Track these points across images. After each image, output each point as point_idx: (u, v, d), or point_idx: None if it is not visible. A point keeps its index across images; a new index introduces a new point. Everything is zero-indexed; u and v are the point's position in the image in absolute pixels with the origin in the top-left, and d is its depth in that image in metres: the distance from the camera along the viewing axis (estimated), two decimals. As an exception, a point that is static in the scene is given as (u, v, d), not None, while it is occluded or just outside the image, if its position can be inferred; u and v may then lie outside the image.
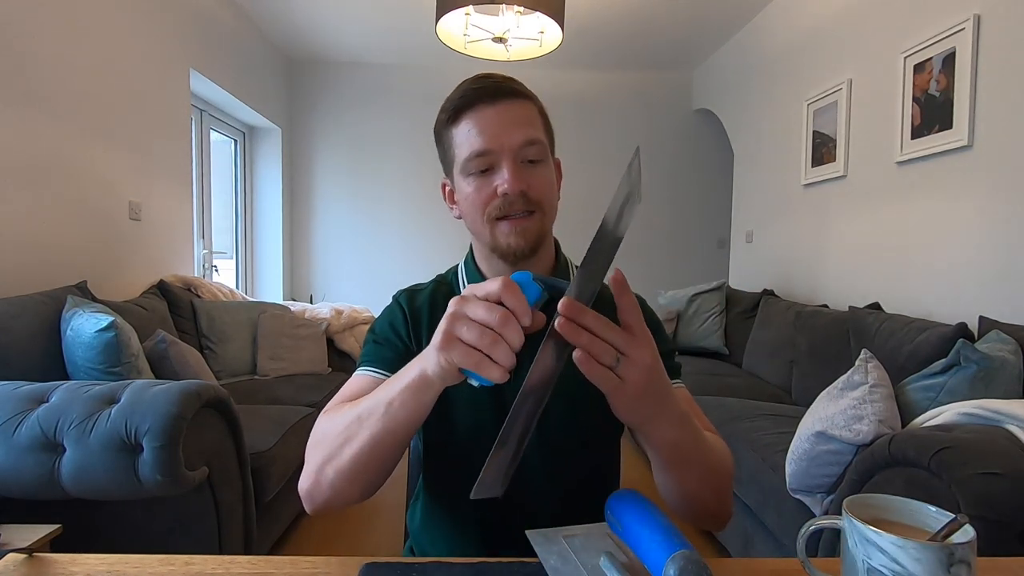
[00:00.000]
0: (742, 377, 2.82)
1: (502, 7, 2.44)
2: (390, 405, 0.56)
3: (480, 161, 0.70)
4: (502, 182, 0.69)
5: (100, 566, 0.53)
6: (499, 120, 0.70)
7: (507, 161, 0.69)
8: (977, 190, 1.94)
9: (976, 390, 1.37)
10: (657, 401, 0.53)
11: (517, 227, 0.70)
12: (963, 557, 0.40)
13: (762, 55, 3.54)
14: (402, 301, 0.80)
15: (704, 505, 0.64)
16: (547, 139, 0.75)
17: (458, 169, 0.73)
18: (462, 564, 0.55)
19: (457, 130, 0.72)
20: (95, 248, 2.29)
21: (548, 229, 0.75)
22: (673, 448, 0.58)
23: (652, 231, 4.69)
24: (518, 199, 0.69)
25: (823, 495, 1.40)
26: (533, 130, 0.71)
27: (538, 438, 0.72)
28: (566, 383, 0.73)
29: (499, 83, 0.72)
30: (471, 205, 0.72)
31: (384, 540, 2.02)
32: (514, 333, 0.47)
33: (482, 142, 0.69)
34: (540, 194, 0.71)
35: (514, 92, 0.72)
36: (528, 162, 0.71)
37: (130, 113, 2.51)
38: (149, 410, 1.25)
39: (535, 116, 0.73)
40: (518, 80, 0.74)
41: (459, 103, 0.71)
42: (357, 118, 4.49)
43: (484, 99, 0.70)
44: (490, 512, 0.74)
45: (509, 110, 0.71)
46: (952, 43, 2.01)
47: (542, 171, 0.72)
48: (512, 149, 0.69)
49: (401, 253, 4.56)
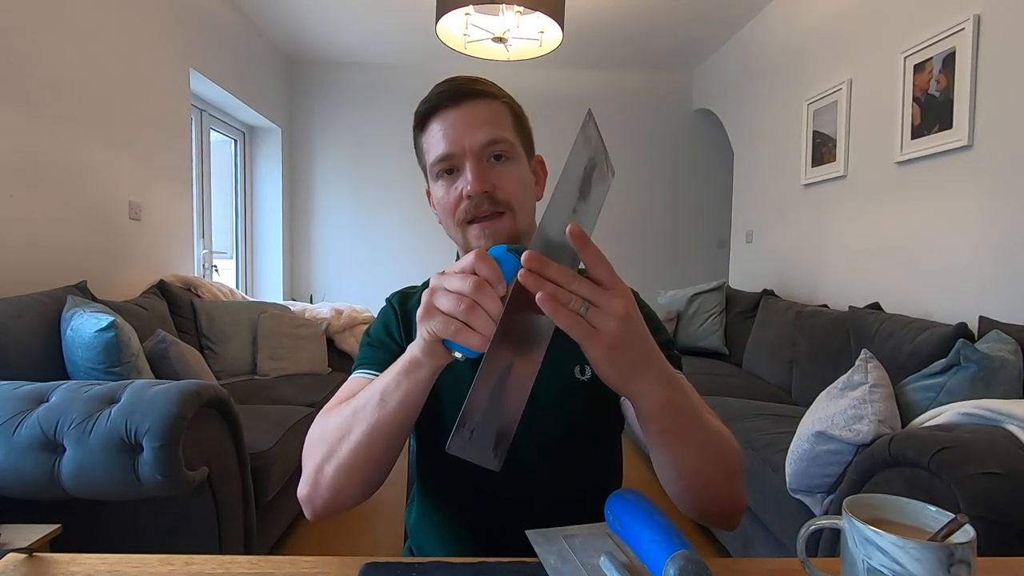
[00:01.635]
0: (742, 377, 2.82)
1: (502, 7, 2.44)
2: (384, 392, 0.57)
3: (445, 164, 0.70)
4: (465, 184, 0.69)
5: (100, 566, 0.53)
6: (462, 121, 0.69)
7: (470, 162, 0.68)
8: (977, 190, 1.94)
9: (976, 390, 1.37)
10: (639, 356, 0.49)
11: (486, 229, 0.69)
12: (963, 557, 0.40)
13: (762, 55, 3.54)
14: (394, 303, 0.80)
15: (713, 489, 0.59)
16: (518, 137, 0.73)
17: (429, 174, 0.73)
18: (462, 564, 0.55)
19: (426, 136, 0.72)
20: (95, 248, 2.30)
21: (524, 229, 0.73)
22: (665, 411, 0.52)
23: (652, 231, 4.69)
24: (483, 200, 0.68)
25: (823, 495, 1.40)
26: (497, 129, 0.70)
27: (537, 438, 0.72)
28: (563, 384, 0.73)
29: (462, 85, 0.71)
30: (443, 209, 0.72)
31: (384, 540, 2.02)
32: (489, 300, 0.47)
33: (444, 145, 0.69)
34: (508, 193, 0.70)
35: (477, 93, 0.71)
36: (494, 159, 0.70)
37: (130, 113, 2.51)
38: (149, 410, 1.25)
39: (502, 115, 0.72)
40: (487, 80, 0.73)
41: (425, 109, 0.71)
42: (357, 118, 4.49)
43: (447, 102, 0.70)
44: (488, 512, 0.74)
45: (472, 111, 0.70)
46: (952, 43, 2.01)
47: (510, 169, 0.71)
48: (474, 150, 0.69)
49: (401, 253, 4.56)
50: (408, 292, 0.82)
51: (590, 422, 0.75)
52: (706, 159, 4.67)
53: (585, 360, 0.72)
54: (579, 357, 0.73)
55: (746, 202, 3.82)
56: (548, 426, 0.72)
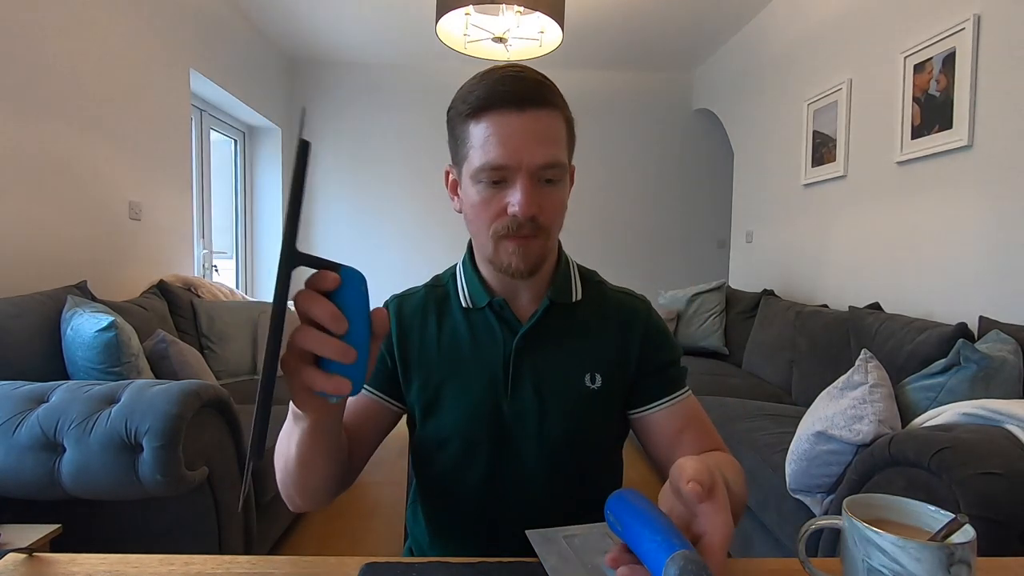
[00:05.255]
0: (742, 377, 2.82)
1: (502, 7, 2.44)
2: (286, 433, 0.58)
3: (495, 174, 0.65)
4: (515, 203, 0.64)
5: (100, 566, 0.53)
6: (523, 133, 0.64)
7: (523, 181, 0.64)
8: (977, 190, 1.94)
9: (976, 390, 1.37)
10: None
11: (521, 247, 0.67)
12: (963, 557, 0.40)
13: (762, 55, 3.54)
14: (391, 309, 0.77)
15: None
16: (568, 155, 0.70)
17: (468, 171, 0.67)
18: (462, 564, 0.55)
19: (476, 129, 0.65)
20: (95, 248, 2.29)
21: (551, 248, 0.73)
22: None
23: (652, 231, 4.69)
24: (527, 222, 0.66)
25: (823, 495, 1.40)
26: (556, 149, 0.66)
27: (544, 443, 0.71)
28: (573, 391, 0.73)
29: (529, 88, 0.65)
30: (476, 215, 0.68)
31: (384, 540, 2.02)
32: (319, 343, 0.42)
33: (500, 155, 0.64)
34: (549, 219, 0.68)
35: (544, 101, 0.65)
36: (545, 183, 0.66)
37: (130, 113, 2.51)
38: (149, 410, 1.25)
39: (561, 130, 0.68)
40: (551, 83, 0.67)
41: (484, 101, 0.64)
42: (357, 118, 4.49)
43: (511, 104, 0.64)
44: (488, 512, 0.74)
45: (536, 122, 0.64)
46: (952, 43, 2.01)
47: (557, 194, 0.68)
48: (531, 169, 0.64)
49: (402, 253, 4.56)
50: (406, 296, 0.79)
51: (597, 430, 0.75)
52: (706, 159, 4.66)
53: (596, 369, 0.73)
54: (590, 366, 0.73)
55: (746, 202, 3.82)
56: (556, 431, 0.72)
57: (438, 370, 0.74)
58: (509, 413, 0.72)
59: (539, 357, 0.73)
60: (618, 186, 4.63)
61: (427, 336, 0.75)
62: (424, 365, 0.74)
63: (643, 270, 4.60)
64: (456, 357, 0.74)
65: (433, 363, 0.74)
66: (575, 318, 0.75)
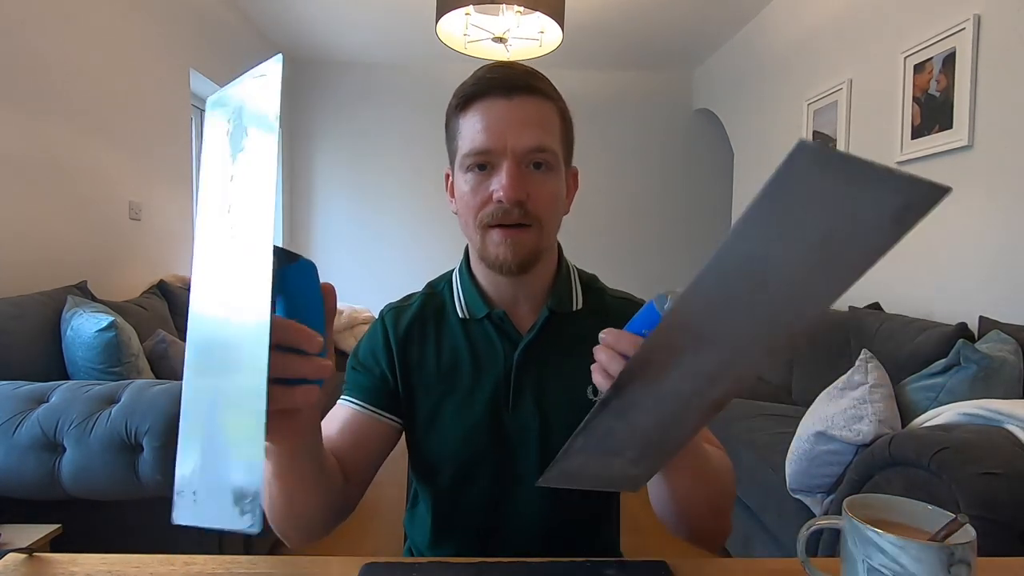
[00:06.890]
0: (742, 377, 2.82)
1: (502, 7, 2.44)
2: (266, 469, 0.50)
3: (480, 158, 0.63)
4: (498, 187, 0.62)
5: (100, 566, 0.53)
6: (509, 117, 0.63)
7: (508, 164, 0.62)
8: (977, 190, 1.94)
9: (976, 390, 1.37)
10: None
11: (509, 238, 0.64)
12: (963, 557, 0.40)
13: (762, 55, 3.54)
14: (387, 322, 0.74)
15: (700, 522, 0.62)
16: (562, 147, 0.67)
17: (457, 163, 0.67)
18: (462, 564, 0.55)
19: (464, 120, 0.65)
20: (95, 248, 2.29)
21: (546, 246, 0.69)
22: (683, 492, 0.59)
23: (652, 231, 4.69)
24: (514, 208, 0.63)
25: (823, 495, 1.40)
26: (545, 135, 0.64)
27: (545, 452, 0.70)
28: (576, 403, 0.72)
29: (517, 75, 0.64)
30: (464, 205, 0.66)
31: (384, 540, 2.01)
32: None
33: (484, 139, 0.63)
34: (539, 207, 0.64)
35: (532, 88, 0.64)
36: (533, 167, 0.64)
37: (130, 113, 2.51)
38: (149, 410, 1.25)
39: (552, 119, 0.66)
40: (544, 76, 0.66)
41: (471, 90, 0.64)
42: (357, 118, 4.49)
43: (497, 90, 0.63)
44: (488, 527, 0.73)
45: (523, 107, 0.63)
46: (952, 43, 2.01)
47: (547, 181, 0.65)
48: (516, 152, 0.62)
49: (401, 253, 4.55)
50: (403, 307, 0.76)
51: None
52: (706, 159, 4.66)
53: None
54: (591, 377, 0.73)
55: (746, 202, 3.80)
56: (559, 441, 0.71)
57: (437, 385, 0.72)
58: (510, 428, 0.71)
59: (540, 370, 0.71)
60: (618, 186, 4.63)
61: (426, 350, 0.73)
62: (423, 379, 0.72)
63: (643, 270, 4.60)
64: (455, 371, 0.72)
65: (432, 377, 0.72)
66: (576, 328, 0.72)
